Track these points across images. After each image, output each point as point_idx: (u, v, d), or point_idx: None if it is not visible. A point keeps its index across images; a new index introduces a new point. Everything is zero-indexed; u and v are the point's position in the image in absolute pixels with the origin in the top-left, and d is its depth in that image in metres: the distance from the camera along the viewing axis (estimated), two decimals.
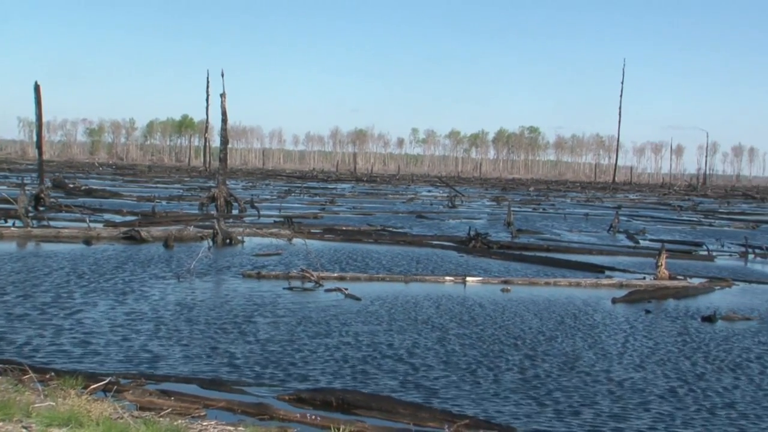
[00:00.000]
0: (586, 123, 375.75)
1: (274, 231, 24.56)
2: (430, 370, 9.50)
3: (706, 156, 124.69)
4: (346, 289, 14.91)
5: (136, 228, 22.94)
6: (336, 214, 35.94)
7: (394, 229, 28.65)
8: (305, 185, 72.22)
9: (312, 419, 7.28)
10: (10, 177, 58.41)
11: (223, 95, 36.23)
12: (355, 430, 6.91)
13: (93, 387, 7.61)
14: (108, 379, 7.89)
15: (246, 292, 14.52)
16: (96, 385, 7.68)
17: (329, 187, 71.90)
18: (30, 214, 25.40)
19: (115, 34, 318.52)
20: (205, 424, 6.82)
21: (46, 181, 36.21)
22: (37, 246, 20.77)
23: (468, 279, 17.04)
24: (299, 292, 14.89)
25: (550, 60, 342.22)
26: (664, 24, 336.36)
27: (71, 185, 46.59)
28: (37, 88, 33.96)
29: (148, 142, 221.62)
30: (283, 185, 70.43)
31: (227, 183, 36.75)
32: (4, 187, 37.76)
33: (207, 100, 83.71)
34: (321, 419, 7.23)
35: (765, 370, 10.24)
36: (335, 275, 16.72)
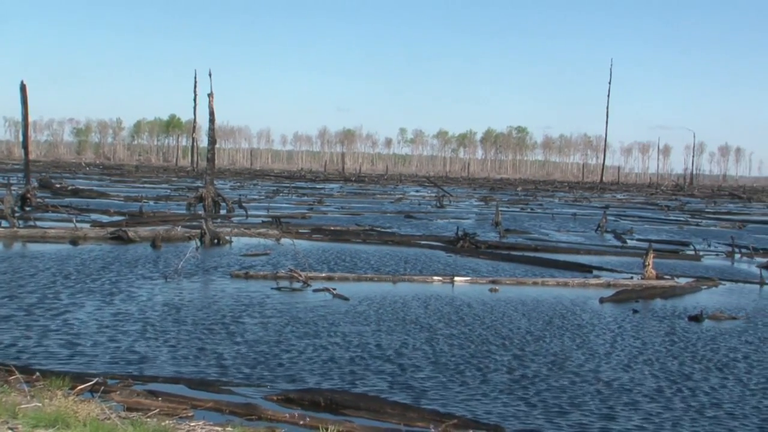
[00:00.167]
0: (573, 123, 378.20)
1: (262, 231, 24.51)
2: (418, 370, 9.49)
3: (693, 156, 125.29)
4: (335, 289, 14.90)
5: (124, 228, 22.83)
6: (324, 214, 35.90)
7: (383, 229, 28.64)
8: (293, 185, 72.06)
9: (300, 419, 7.27)
10: None
11: (210, 95, 36.12)
12: (344, 430, 6.90)
13: (80, 388, 7.57)
14: (95, 380, 7.85)
15: (234, 293, 14.48)
16: (83, 386, 7.64)
17: (317, 187, 71.78)
18: (16, 215, 25.30)
19: (103, 34, 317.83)
20: (192, 424, 6.79)
21: (32, 181, 36.02)
22: (24, 246, 20.66)
23: (456, 279, 17.04)
24: (287, 292, 14.86)
25: (538, 60, 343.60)
26: (652, 25, 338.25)
27: (58, 185, 46.37)
28: (23, 88, 33.75)
29: (136, 142, 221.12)
30: (271, 185, 70.27)
31: (215, 183, 36.66)
32: None
33: (195, 99, 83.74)
34: (309, 419, 7.22)
35: (752, 370, 10.29)
36: (323, 275, 16.70)
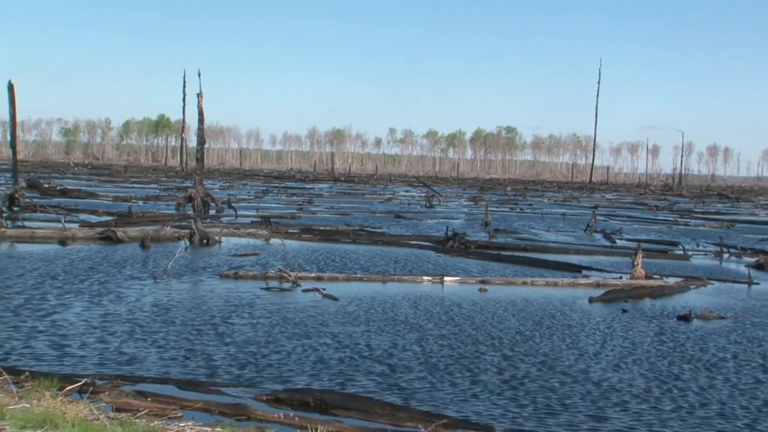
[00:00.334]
0: (563, 123, 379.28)
1: (251, 231, 24.47)
2: (408, 370, 9.48)
3: (682, 156, 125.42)
4: (324, 289, 14.88)
5: (113, 228, 22.75)
6: (314, 214, 35.86)
7: (372, 229, 28.63)
8: (283, 185, 71.94)
9: (290, 420, 7.25)
10: None
11: (200, 95, 35.99)
12: (333, 431, 6.89)
13: (68, 388, 7.54)
14: (84, 381, 7.81)
15: (223, 293, 14.44)
16: (71, 387, 7.60)
17: (307, 187, 71.69)
18: (4, 215, 25.16)
19: (91, 34, 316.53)
20: (182, 425, 6.77)
21: (20, 181, 35.81)
22: (11, 247, 20.56)
23: (446, 279, 17.05)
24: (277, 292, 14.84)
25: (527, 60, 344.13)
26: (641, 25, 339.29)
27: (46, 185, 46.16)
28: (11, 87, 33.57)
29: (125, 142, 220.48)
30: (260, 185, 70.15)
31: (204, 183, 36.55)
32: None
33: (184, 99, 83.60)
34: (299, 420, 7.20)
35: (740, 369, 10.32)
36: (313, 275, 16.68)
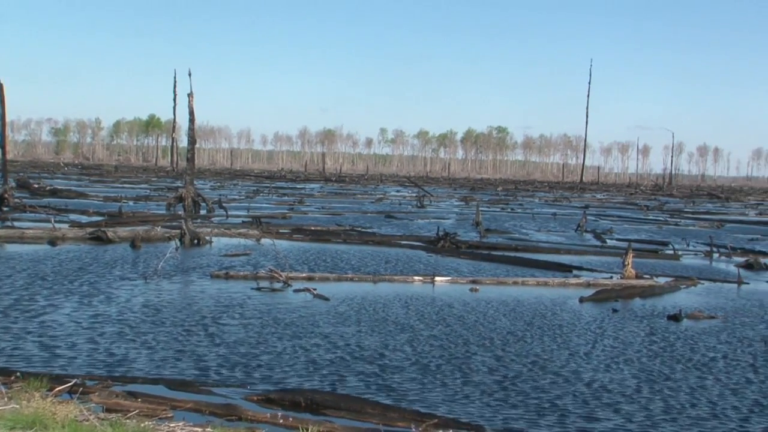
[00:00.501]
0: (553, 123, 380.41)
1: (242, 231, 24.44)
2: (399, 370, 9.48)
3: (672, 156, 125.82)
4: (315, 289, 14.86)
5: (103, 228, 22.67)
6: (304, 214, 35.82)
7: (363, 229, 28.62)
8: (273, 185, 71.86)
9: (281, 420, 7.24)
10: None
11: (190, 95, 35.92)
12: (324, 431, 6.88)
13: (58, 389, 7.50)
14: (74, 381, 7.78)
15: (214, 293, 14.41)
16: (61, 387, 7.57)
17: (298, 187, 71.62)
18: None
19: (81, 33, 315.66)
20: (172, 425, 6.75)
21: (10, 181, 35.66)
22: (0, 247, 20.46)
23: (436, 279, 17.05)
24: (268, 292, 14.81)
25: (518, 60, 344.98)
26: (631, 26, 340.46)
27: (36, 185, 45.97)
28: (0, 87, 33.45)
29: (115, 142, 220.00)
30: (251, 185, 70.06)
31: (195, 183, 36.49)
32: None
33: (174, 99, 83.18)
34: (290, 420, 7.19)
35: (730, 369, 10.35)
36: (304, 275, 16.66)
